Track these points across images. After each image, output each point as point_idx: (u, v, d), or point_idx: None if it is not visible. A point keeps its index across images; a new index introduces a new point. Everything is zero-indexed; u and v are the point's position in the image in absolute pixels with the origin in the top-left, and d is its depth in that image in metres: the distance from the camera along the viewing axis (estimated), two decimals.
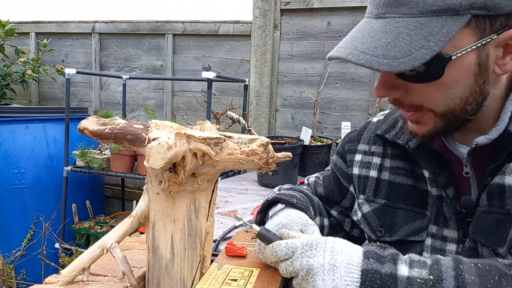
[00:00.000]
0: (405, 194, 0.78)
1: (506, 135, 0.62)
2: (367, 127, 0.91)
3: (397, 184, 0.80)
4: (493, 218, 0.62)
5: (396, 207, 0.79)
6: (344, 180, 0.92)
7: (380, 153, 0.84)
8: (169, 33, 3.12)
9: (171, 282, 0.61)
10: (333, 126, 2.68)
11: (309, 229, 0.72)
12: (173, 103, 3.19)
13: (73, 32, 3.46)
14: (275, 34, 2.76)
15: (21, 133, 2.65)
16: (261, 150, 0.60)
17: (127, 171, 2.50)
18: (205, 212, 0.62)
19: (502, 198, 0.61)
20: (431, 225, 0.74)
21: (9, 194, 2.58)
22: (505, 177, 0.62)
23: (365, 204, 0.84)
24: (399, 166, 0.80)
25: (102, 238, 0.61)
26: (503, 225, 0.60)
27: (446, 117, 0.62)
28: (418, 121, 0.66)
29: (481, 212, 0.65)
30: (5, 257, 2.28)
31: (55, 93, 3.63)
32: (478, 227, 0.65)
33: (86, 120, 0.65)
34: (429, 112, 0.63)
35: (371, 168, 0.85)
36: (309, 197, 0.91)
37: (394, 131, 0.81)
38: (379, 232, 0.81)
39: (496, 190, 0.62)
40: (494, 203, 0.63)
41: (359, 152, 0.89)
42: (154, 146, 0.50)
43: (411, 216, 0.77)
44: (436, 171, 0.72)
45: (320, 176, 0.99)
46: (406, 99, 0.63)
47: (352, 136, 0.93)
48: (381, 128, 0.84)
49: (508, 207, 0.60)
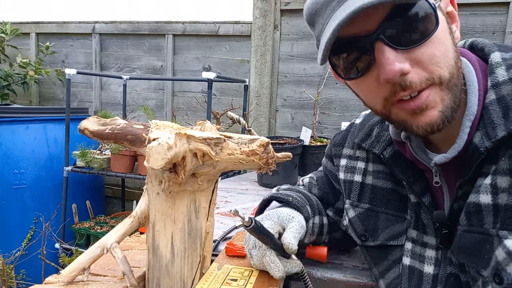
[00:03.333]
0: (386, 197, 0.77)
1: (471, 148, 0.60)
2: (351, 130, 0.89)
3: (379, 188, 0.79)
4: (474, 237, 0.60)
5: (378, 211, 0.78)
6: (336, 183, 0.92)
7: (364, 158, 0.83)
8: (169, 33, 3.13)
9: (171, 282, 0.61)
10: (333, 126, 2.68)
11: (290, 225, 0.74)
12: (173, 104, 3.20)
13: (73, 33, 3.46)
14: (275, 34, 2.76)
15: (21, 133, 2.65)
16: (261, 150, 0.60)
17: (127, 171, 2.50)
18: (205, 212, 0.62)
19: (479, 217, 0.59)
20: (411, 229, 0.73)
21: (9, 194, 2.58)
22: (479, 195, 0.59)
23: (351, 209, 0.84)
24: (380, 170, 0.79)
25: (102, 238, 0.61)
26: (484, 246, 0.58)
27: (451, 85, 0.59)
28: (426, 105, 0.59)
29: (462, 231, 0.63)
30: (5, 257, 2.28)
31: (56, 93, 3.63)
32: (460, 246, 0.63)
33: (86, 121, 0.65)
34: (436, 88, 0.58)
35: (356, 173, 0.84)
36: (307, 196, 0.91)
37: (369, 140, 0.79)
38: (363, 237, 0.80)
39: (473, 209, 0.60)
40: (473, 222, 0.60)
41: (344, 157, 0.88)
42: (154, 146, 0.50)
43: (391, 220, 0.76)
44: (411, 179, 0.70)
45: (314, 177, 0.99)
46: (414, 75, 0.58)
47: (337, 140, 0.92)
48: (358, 136, 0.83)
49: (487, 226, 0.58)
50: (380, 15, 0.56)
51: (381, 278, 0.78)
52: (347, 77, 0.63)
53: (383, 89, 0.60)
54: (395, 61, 0.56)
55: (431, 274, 0.69)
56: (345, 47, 0.60)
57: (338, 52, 0.61)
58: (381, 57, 0.57)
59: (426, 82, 0.58)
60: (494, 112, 0.58)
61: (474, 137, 0.60)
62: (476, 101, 0.61)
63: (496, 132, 0.57)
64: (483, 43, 0.67)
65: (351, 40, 0.59)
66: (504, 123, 0.57)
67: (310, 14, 0.65)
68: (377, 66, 0.58)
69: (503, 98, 0.58)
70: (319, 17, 0.62)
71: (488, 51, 0.64)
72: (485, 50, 0.65)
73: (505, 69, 0.60)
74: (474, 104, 0.61)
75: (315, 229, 0.88)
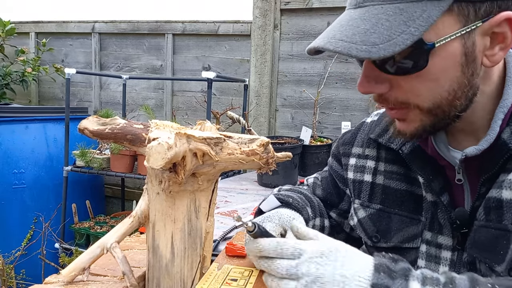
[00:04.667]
0: (400, 199, 0.76)
1: (499, 144, 0.59)
2: (361, 129, 0.88)
3: (392, 189, 0.77)
4: (491, 233, 0.59)
5: (391, 213, 0.77)
6: (341, 183, 0.91)
7: (374, 156, 0.82)
8: (169, 33, 3.12)
9: (171, 282, 0.61)
10: (333, 126, 2.68)
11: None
12: (173, 103, 3.19)
13: (73, 32, 3.46)
14: (275, 34, 2.76)
15: (21, 133, 2.65)
16: (261, 150, 0.60)
17: (127, 171, 2.50)
18: (205, 212, 0.62)
19: (499, 213, 0.58)
20: (425, 231, 0.72)
21: (9, 194, 2.58)
22: (502, 190, 0.58)
23: (361, 209, 0.82)
24: (393, 171, 0.78)
25: (102, 238, 0.61)
26: (500, 242, 0.57)
27: (434, 113, 0.58)
28: (404, 119, 0.61)
29: (478, 226, 0.62)
30: (5, 257, 2.28)
31: (55, 93, 3.63)
32: (475, 241, 0.62)
33: (86, 120, 0.65)
34: (415, 110, 0.59)
35: (365, 172, 0.83)
36: (308, 198, 0.90)
37: (387, 135, 0.78)
38: (374, 238, 0.79)
39: (494, 204, 0.59)
40: (491, 217, 0.59)
41: (353, 156, 0.86)
42: (154, 146, 0.50)
43: (406, 222, 0.74)
44: (430, 177, 0.69)
45: (319, 177, 0.99)
46: (391, 95, 0.59)
47: (346, 139, 0.91)
48: (374, 131, 0.82)
49: (506, 222, 0.57)
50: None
51: None
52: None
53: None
54: (365, 80, 0.59)
55: None
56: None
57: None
58: (363, 69, 0.59)
59: (401, 105, 0.59)
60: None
61: (504, 132, 0.59)
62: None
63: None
64: None
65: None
66: None
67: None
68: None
69: None
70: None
71: None
72: None
73: None
74: (510, 97, 0.59)
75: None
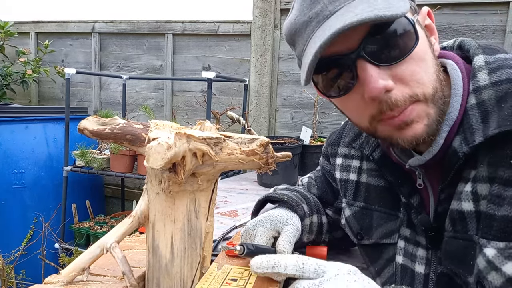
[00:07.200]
0: (380, 195, 0.77)
1: (450, 152, 0.60)
2: (346, 129, 0.89)
3: (373, 186, 0.78)
4: (460, 244, 0.60)
5: (372, 209, 0.78)
6: (333, 182, 0.92)
7: (359, 156, 0.83)
8: (169, 33, 3.12)
9: (171, 282, 0.61)
10: (333, 126, 2.68)
11: (285, 228, 0.72)
12: (173, 103, 3.19)
13: (73, 32, 3.46)
14: (275, 33, 2.76)
15: (21, 133, 2.65)
16: (261, 150, 0.60)
17: (127, 171, 2.50)
18: (205, 212, 0.62)
19: (463, 224, 0.59)
20: (404, 227, 0.73)
21: (9, 194, 2.58)
22: (461, 203, 0.59)
23: (347, 208, 0.83)
24: (373, 168, 0.79)
25: (102, 238, 0.61)
26: (469, 252, 0.58)
27: (435, 100, 0.59)
28: (412, 120, 0.59)
29: (448, 237, 0.62)
30: (5, 257, 2.28)
31: (55, 93, 3.63)
32: (447, 253, 0.63)
33: (86, 120, 0.65)
34: (420, 103, 0.58)
35: (351, 172, 0.83)
36: (304, 195, 0.90)
37: (360, 140, 0.79)
38: (359, 236, 0.80)
39: (457, 216, 0.60)
40: (457, 228, 0.60)
41: (340, 156, 0.87)
42: (154, 146, 0.50)
43: (384, 218, 0.75)
44: (399, 181, 0.71)
45: (313, 176, 0.99)
46: (397, 94, 0.57)
47: (332, 139, 0.91)
48: (348, 135, 0.83)
49: (471, 232, 0.57)
50: (360, 33, 0.55)
51: (377, 276, 0.78)
52: (330, 95, 0.63)
53: (370, 108, 0.59)
54: (378, 78, 0.56)
55: (422, 274, 0.69)
56: (327, 65, 0.59)
57: (321, 70, 0.60)
58: (364, 75, 0.56)
59: (410, 99, 0.58)
60: (473, 117, 0.58)
61: (454, 141, 0.60)
62: (458, 106, 0.61)
63: (474, 137, 0.56)
64: (469, 45, 0.66)
65: (333, 58, 0.58)
66: (482, 128, 0.56)
67: (289, 34, 0.65)
68: (361, 84, 0.58)
69: (483, 103, 0.57)
70: (299, 37, 0.62)
71: (472, 54, 0.63)
72: (470, 52, 0.64)
73: (487, 73, 0.59)
74: (455, 109, 0.61)
75: (314, 228, 0.88)
